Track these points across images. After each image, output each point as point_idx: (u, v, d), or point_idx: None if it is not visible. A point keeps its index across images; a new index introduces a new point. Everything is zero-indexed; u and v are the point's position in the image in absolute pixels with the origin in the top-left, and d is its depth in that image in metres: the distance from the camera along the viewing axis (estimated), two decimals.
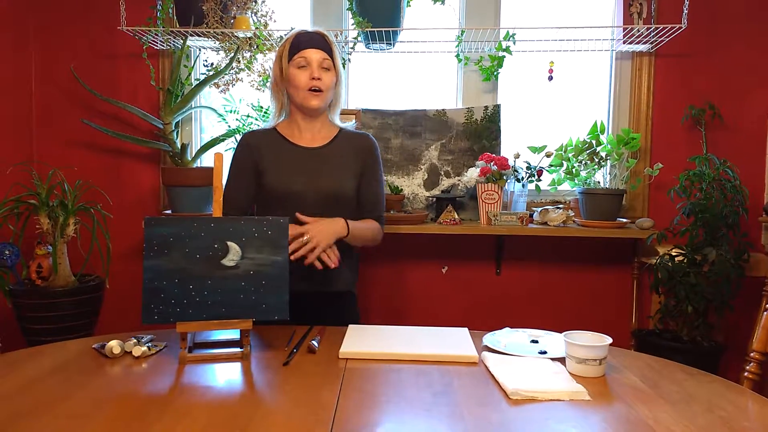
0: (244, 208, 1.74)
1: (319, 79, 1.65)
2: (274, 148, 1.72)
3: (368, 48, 2.48)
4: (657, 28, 2.30)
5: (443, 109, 2.55)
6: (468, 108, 2.55)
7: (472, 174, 2.37)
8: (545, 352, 1.34)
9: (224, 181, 1.73)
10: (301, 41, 1.67)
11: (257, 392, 1.12)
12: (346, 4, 2.48)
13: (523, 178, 2.40)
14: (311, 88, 1.65)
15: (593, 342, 1.23)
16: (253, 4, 2.39)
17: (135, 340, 1.35)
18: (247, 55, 2.39)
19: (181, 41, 2.44)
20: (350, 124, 1.85)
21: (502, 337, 1.44)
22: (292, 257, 1.50)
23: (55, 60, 2.64)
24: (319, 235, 1.54)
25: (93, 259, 2.48)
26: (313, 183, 1.67)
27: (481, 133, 2.53)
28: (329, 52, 1.68)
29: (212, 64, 2.46)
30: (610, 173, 2.49)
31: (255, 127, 2.44)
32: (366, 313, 2.60)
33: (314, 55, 1.66)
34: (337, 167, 1.72)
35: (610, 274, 2.62)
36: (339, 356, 1.31)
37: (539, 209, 2.43)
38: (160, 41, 2.46)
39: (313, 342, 1.38)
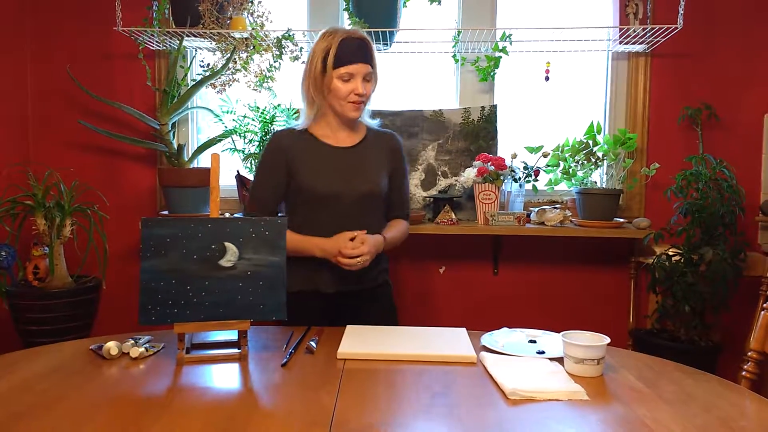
0: (272, 208, 1.73)
1: (363, 94, 1.65)
2: (309, 149, 1.72)
3: None
4: (653, 29, 2.30)
5: (440, 110, 2.55)
6: (465, 108, 2.55)
7: (470, 174, 2.38)
8: (543, 352, 1.34)
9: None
10: (347, 53, 1.62)
11: (255, 393, 1.12)
12: (342, 4, 2.48)
13: (520, 178, 2.40)
14: (353, 101, 1.66)
15: (591, 342, 1.24)
16: (250, 4, 2.38)
17: (132, 341, 1.35)
18: (244, 55, 2.39)
19: (178, 42, 2.44)
20: (376, 123, 1.85)
21: (500, 337, 1.44)
22: (345, 264, 1.57)
23: (51, 61, 2.62)
24: (371, 256, 1.60)
25: (90, 260, 2.47)
26: (349, 183, 1.69)
27: (478, 133, 2.53)
28: (372, 62, 1.67)
29: (208, 64, 2.46)
30: (606, 173, 2.50)
31: (252, 128, 2.45)
32: None
33: (360, 69, 1.64)
34: (371, 167, 1.74)
35: (607, 274, 2.62)
36: (337, 357, 1.31)
37: (536, 209, 2.43)
38: (157, 42, 2.46)
39: (311, 343, 1.38)
